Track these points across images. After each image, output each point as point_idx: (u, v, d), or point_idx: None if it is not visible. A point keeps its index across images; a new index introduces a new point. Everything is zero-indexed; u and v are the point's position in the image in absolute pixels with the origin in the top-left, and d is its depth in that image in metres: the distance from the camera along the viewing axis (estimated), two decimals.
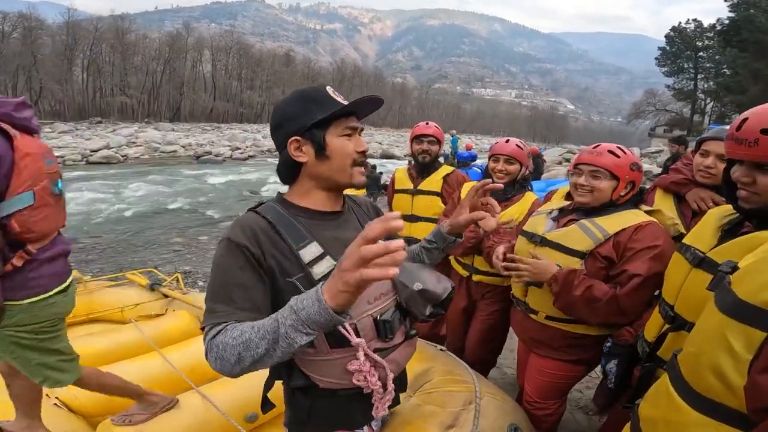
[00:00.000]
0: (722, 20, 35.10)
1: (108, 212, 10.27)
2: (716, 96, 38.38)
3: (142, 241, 7.53)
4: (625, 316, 1.44)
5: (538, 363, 1.74)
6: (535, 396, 1.76)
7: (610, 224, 1.50)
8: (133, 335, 2.48)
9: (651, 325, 1.30)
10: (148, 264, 5.74)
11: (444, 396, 1.47)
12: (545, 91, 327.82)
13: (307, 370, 0.96)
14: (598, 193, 1.52)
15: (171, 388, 1.88)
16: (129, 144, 24.13)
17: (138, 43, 47.55)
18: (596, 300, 1.43)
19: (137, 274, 3.65)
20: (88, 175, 15.44)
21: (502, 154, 2.09)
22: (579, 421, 2.32)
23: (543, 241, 1.61)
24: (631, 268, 1.41)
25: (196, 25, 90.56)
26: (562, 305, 1.52)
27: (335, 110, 0.91)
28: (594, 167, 1.51)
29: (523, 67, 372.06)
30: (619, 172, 1.49)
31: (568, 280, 1.47)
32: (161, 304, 3.10)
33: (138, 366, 2.06)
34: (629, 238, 1.45)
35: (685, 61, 41.72)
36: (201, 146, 25.45)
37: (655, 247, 1.41)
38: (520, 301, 1.75)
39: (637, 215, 1.51)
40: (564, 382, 1.73)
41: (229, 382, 1.88)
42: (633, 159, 1.52)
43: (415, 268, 1.01)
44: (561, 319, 1.61)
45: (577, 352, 1.64)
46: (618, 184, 1.50)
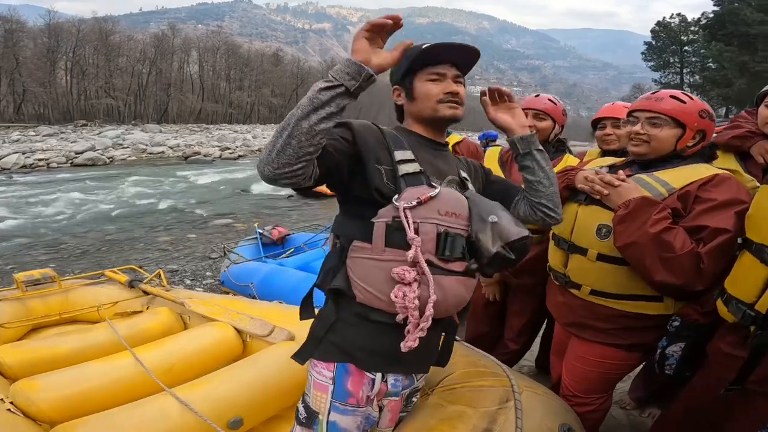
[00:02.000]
0: (707, 14, 35.43)
1: (92, 213, 9.93)
2: (702, 90, 38.71)
3: (127, 240, 7.23)
4: (702, 281, 1.16)
5: (581, 349, 1.45)
6: (576, 389, 1.49)
7: (674, 178, 1.26)
8: (106, 334, 2.27)
9: (746, 283, 1.07)
10: (133, 263, 5.45)
11: (472, 393, 1.21)
12: (534, 87, 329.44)
13: (352, 269, 0.96)
14: (656, 143, 1.29)
15: (144, 390, 1.70)
16: (115, 146, 23.67)
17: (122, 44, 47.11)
18: (671, 248, 1.14)
19: (117, 272, 3.39)
20: (73, 177, 15.04)
21: (531, 108, 1.87)
22: (617, 417, 2.02)
23: (588, 199, 1.36)
24: (714, 222, 1.15)
25: (183, 26, 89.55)
26: (623, 241, 1.21)
27: (412, 59, 1.03)
28: (652, 113, 1.29)
29: (512, 63, 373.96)
30: (685, 118, 1.26)
31: (643, 207, 1.19)
32: (141, 301, 2.86)
33: (108, 367, 1.85)
34: (701, 187, 1.21)
35: (671, 55, 42.00)
36: (189, 147, 25.02)
37: (740, 202, 1.17)
38: (559, 273, 1.47)
39: (709, 168, 1.27)
40: (613, 372, 1.45)
41: (209, 382, 1.68)
42: (702, 105, 1.29)
43: (493, 206, 1.00)
44: (612, 294, 1.32)
45: (632, 336, 1.35)
46: (684, 132, 1.27)
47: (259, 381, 1.68)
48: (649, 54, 42.59)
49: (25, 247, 7.21)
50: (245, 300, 2.74)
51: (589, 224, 1.35)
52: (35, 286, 3.00)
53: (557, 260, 1.49)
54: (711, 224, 1.15)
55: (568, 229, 1.42)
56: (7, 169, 18.74)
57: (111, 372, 1.79)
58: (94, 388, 1.74)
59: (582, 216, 1.39)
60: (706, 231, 1.16)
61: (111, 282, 3.24)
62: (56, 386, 1.70)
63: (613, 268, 1.31)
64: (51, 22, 41.89)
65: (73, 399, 1.68)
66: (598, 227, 1.32)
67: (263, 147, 0.78)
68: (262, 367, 1.74)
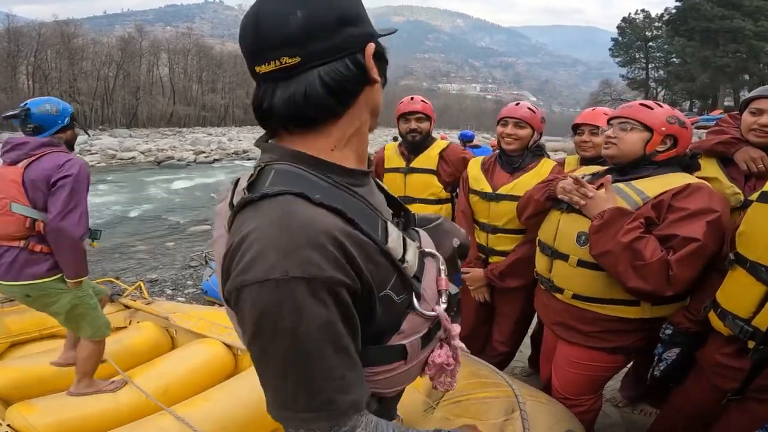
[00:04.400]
0: (670, 9, 36.73)
1: None
2: (667, 84, 40.24)
3: (101, 251, 6.98)
4: (672, 287, 1.22)
5: (567, 352, 1.51)
6: (566, 391, 1.54)
7: (650, 187, 1.31)
8: None
9: (741, 299, 1.10)
10: (109, 274, 5.26)
11: (478, 405, 1.22)
12: (508, 84, 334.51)
13: (377, 386, 0.64)
14: (624, 145, 1.35)
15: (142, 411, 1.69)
16: (82, 152, 22.82)
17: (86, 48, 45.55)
18: (641, 257, 1.21)
19: None
20: None
21: (511, 117, 1.90)
22: (610, 414, 2.06)
23: (569, 208, 1.42)
24: (684, 231, 1.20)
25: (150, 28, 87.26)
26: (598, 249, 1.29)
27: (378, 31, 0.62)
28: (623, 119, 1.37)
29: (486, 61, 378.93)
30: (651, 122, 1.32)
31: (616, 218, 1.25)
32: (123, 316, 2.77)
33: None
34: (675, 196, 1.26)
35: (637, 51, 43.47)
36: (162, 151, 24.38)
37: (711, 212, 1.21)
38: (544, 278, 1.54)
39: (685, 177, 1.32)
40: (599, 374, 1.51)
41: (207, 401, 1.66)
42: (671, 112, 1.35)
43: (437, 228, 0.80)
44: (591, 298, 1.39)
45: (614, 339, 1.41)
46: (652, 136, 1.32)
47: (254, 397, 1.65)
48: (616, 50, 43.95)
49: None
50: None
51: (570, 232, 1.42)
52: (11, 303, 2.90)
53: (542, 265, 1.56)
54: (681, 233, 1.21)
55: (551, 236, 1.50)
56: None
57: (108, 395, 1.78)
58: (92, 412, 1.74)
59: (563, 224, 1.46)
60: (676, 239, 1.22)
61: None
62: (55, 410, 1.72)
63: (592, 274, 1.38)
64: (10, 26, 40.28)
65: (72, 423, 1.68)
66: (578, 235, 1.39)
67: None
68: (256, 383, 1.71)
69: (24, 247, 1.73)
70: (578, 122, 1.97)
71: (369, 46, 0.58)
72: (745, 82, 32.88)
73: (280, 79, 0.56)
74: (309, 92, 0.55)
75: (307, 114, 0.56)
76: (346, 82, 0.56)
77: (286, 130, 0.59)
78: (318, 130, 0.58)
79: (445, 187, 2.22)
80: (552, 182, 1.54)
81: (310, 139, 0.58)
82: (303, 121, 0.57)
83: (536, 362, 2.40)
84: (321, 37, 0.55)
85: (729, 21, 30.23)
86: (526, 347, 2.49)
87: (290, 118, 0.57)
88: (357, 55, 0.57)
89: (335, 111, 0.58)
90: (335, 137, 0.59)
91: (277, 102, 0.56)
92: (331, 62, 0.55)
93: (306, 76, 0.55)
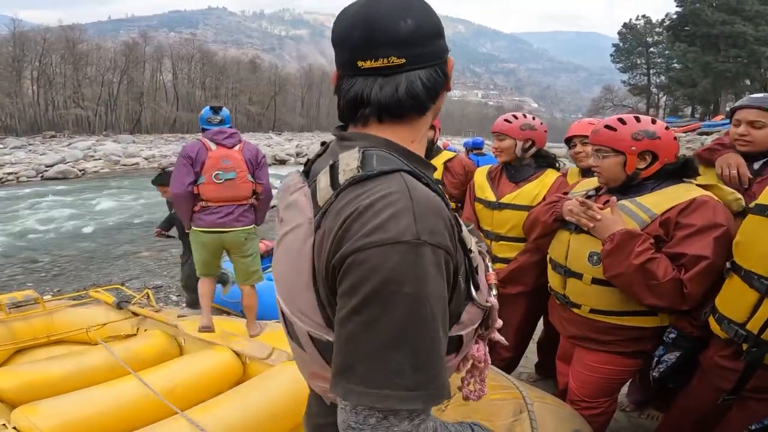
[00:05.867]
0: (670, 15, 36.84)
1: (67, 229, 9.60)
2: (669, 90, 40.31)
3: (106, 257, 7.03)
4: (687, 303, 1.27)
5: (586, 357, 1.53)
6: (583, 394, 1.56)
7: (656, 203, 1.34)
8: (102, 357, 2.24)
9: (736, 305, 1.16)
10: (115, 281, 5.31)
11: (487, 407, 1.25)
12: (510, 90, 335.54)
13: None
14: (606, 172, 1.39)
15: (149, 416, 1.69)
16: (86, 158, 22.97)
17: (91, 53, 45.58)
18: (655, 277, 1.24)
19: (102, 292, 3.31)
20: (43, 191, 14.52)
21: (494, 131, 1.98)
22: (618, 419, 2.07)
23: (578, 228, 1.44)
24: (693, 249, 1.24)
25: (154, 34, 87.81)
26: (611, 272, 1.32)
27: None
28: (596, 146, 1.40)
29: (488, 67, 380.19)
30: (618, 145, 1.34)
31: (626, 241, 1.27)
32: (131, 323, 2.80)
33: (110, 391, 1.85)
34: (681, 213, 1.28)
35: (638, 57, 43.55)
36: (166, 157, 24.48)
37: (717, 227, 1.24)
38: (558, 294, 1.56)
39: (689, 190, 1.33)
40: (617, 377, 1.54)
41: (218, 406, 1.68)
42: (635, 127, 1.34)
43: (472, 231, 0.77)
44: (610, 311, 1.41)
45: (633, 344, 1.45)
46: (626, 158, 1.35)
47: (265, 404, 1.69)
48: (617, 56, 44.08)
49: None
50: (239, 320, 2.72)
51: (581, 252, 1.44)
52: (18, 309, 2.94)
53: (556, 282, 1.58)
54: (690, 252, 1.24)
55: (562, 255, 1.52)
56: None
57: (113, 396, 1.80)
58: (97, 413, 1.75)
59: (574, 244, 1.48)
60: (686, 258, 1.25)
61: (97, 303, 3.17)
62: (60, 411, 1.72)
63: (608, 290, 1.40)
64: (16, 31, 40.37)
65: (77, 424, 1.69)
66: (590, 254, 1.41)
67: None
68: (266, 390, 1.75)
69: (250, 204, 2.62)
70: (568, 136, 2.02)
71: (450, 59, 0.67)
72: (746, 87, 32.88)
73: (382, 74, 0.61)
74: (411, 89, 0.61)
75: (405, 107, 0.62)
76: (437, 85, 0.64)
77: (378, 120, 0.64)
78: (406, 122, 0.64)
79: (450, 197, 2.26)
80: (557, 203, 1.56)
81: (399, 129, 0.64)
82: (399, 113, 0.63)
83: (543, 369, 2.43)
84: (423, 44, 0.62)
85: (730, 26, 30.31)
86: (532, 354, 2.51)
87: (388, 109, 0.62)
88: (443, 65, 0.65)
89: (425, 108, 0.65)
90: (417, 130, 0.66)
91: (379, 94, 0.61)
92: (427, 67, 0.63)
93: (407, 75, 0.61)
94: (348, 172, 0.57)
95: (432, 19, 0.63)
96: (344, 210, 0.54)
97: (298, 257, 0.59)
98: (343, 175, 0.58)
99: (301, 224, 0.60)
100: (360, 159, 0.58)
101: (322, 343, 0.60)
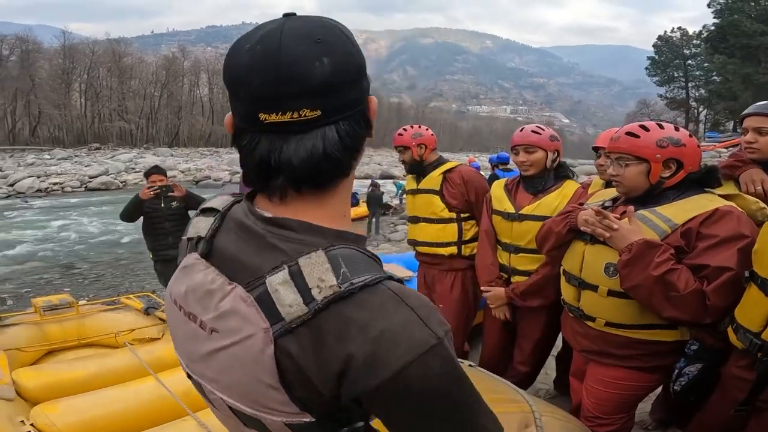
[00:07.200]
0: (708, 27, 35.67)
1: (105, 238, 10.12)
2: (709, 103, 38.78)
3: (139, 266, 7.35)
4: (709, 315, 1.21)
5: (601, 373, 1.47)
6: (597, 410, 1.50)
7: (676, 213, 1.29)
8: (124, 359, 2.34)
9: (752, 314, 1.13)
10: (146, 289, 5.55)
11: None
12: (539, 105, 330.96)
13: None
14: (627, 181, 1.33)
15: (164, 416, 1.75)
16: (128, 170, 24.16)
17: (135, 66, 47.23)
18: (675, 288, 1.19)
19: (132, 298, 3.48)
20: (86, 201, 15.35)
21: (520, 144, 1.93)
22: None
23: (594, 239, 1.39)
24: (716, 260, 1.19)
25: (192, 48, 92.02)
26: (628, 283, 1.26)
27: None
28: (616, 154, 1.34)
29: (517, 82, 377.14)
30: (642, 152, 1.28)
31: (645, 252, 1.22)
32: (158, 328, 2.93)
33: (128, 391, 1.92)
34: (703, 223, 1.23)
35: (675, 69, 42.24)
36: (200, 171, 25.47)
37: (742, 238, 1.20)
38: (573, 307, 1.52)
39: (711, 200, 1.28)
40: (633, 393, 1.48)
41: None
42: (660, 134, 1.28)
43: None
44: (627, 324, 1.36)
45: (650, 359, 1.39)
46: (650, 166, 1.29)
47: None
48: (652, 69, 42.87)
49: (39, 270, 7.37)
50: None
51: (597, 263, 1.39)
52: (53, 311, 3.07)
53: (570, 295, 1.53)
54: (713, 263, 1.19)
55: (577, 267, 1.48)
56: (23, 193, 19.19)
57: (131, 396, 1.85)
58: (114, 412, 1.80)
59: (589, 255, 1.43)
60: (709, 269, 1.20)
61: (127, 308, 3.32)
62: (78, 410, 1.76)
63: (625, 302, 1.35)
64: (66, 44, 41.81)
65: (94, 423, 1.74)
66: (606, 266, 1.37)
67: None
68: None
69: None
70: (595, 145, 2.01)
71: (372, 99, 0.54)
72: None
73: (292, 131, 0.49)
74: (328, 149, 0.49)
75: (327, 173, 0.51)
76: (359, 137, 0.52)
77: (297, 192, 0.51)
78: (330, 191, 0.53)
79: (450, 207, 2.27)
80: (572, 213, 1.51)
81: (324, 200, 0.53)
82: (320, 181, 0.51)
83: (562, 385, 2.38)
84: (343, 88, 0.50)
85: None
86: (551, 370, 2.47)
87: (306, 179, 0.50)
88: (365, 109, 0.53)
89: (347, 169, 0.53)
90: (344, 198, 0.55)
91: (289, 158, 0.49)
92: (349, 117, 0.51)
93: (324, 130, 0.49)
94: (326, 289, 0.47)
95: (354, 55, 0.51)
96: (347, 341, 0.46)
97: (255, 366, 0.49)
98: (320, 292, 0.47)
99: (253, 334, 0.48)
100: (333, 270, 0.47)
101: (302, 426, 0.52)
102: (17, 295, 6.08)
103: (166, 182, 3.58)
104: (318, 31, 0.49)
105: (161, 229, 3.54)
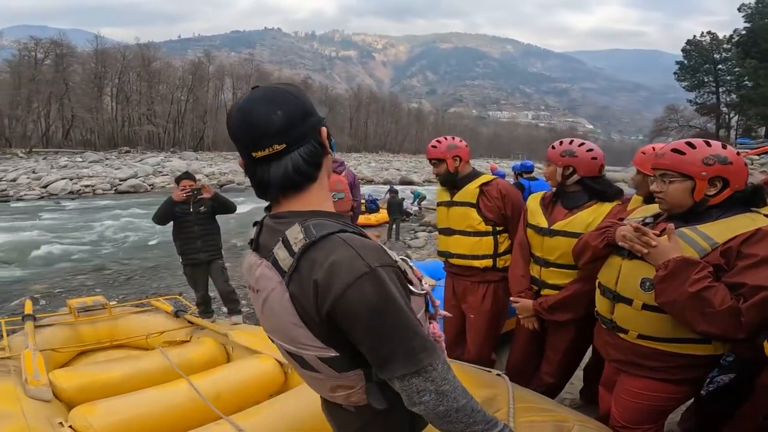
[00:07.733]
0: (739, 31, 34.54)
1: (135, 240, 10.42)
2: (740, 109, 37.47)
3: (167, 268, 7.55)
4: (743, 331, 1.21)
5: (631, 383, 1.49)
6: (625, 420, 1.51)
7: (718, 231, 1.28)
8: (156, 362, 2.42)
9: None
10: (174, 290, 5.71)
11: (525, 428, 1.25)
12: (562, 111, 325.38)
13: None
14: (670, 198, 1.33)
15: (196, 418, 1.80)
16: (155, 173, 24.82)
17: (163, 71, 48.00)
18: (711, 304, 1.20)
19: (162, 301, 3.60)
20: (116, 204, 15.86)
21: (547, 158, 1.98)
22: None
23: (631, 254, 1.40)
24: (754, 279, 1.19)
25: (217, 53, 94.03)
26: (663, 299, 1.28)
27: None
28: (660, 170, 1.35)
29: (539, 87, 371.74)
30: (687, 169, 1.28)
31: (682, 268, 1.23)
32: (186, 331, 3.02)
33: (162, 394, 1.98)
34: (744, 243, 1.24)
35: (705, 74, 40.92)
36: (224, 175, 25.97)
37: None
38: (606, 318, 1.53)
39: (755, 219, 1.27)
40: (663, 404, 1.48)
41: (261, 411, 1.76)
42: (707, 152, 1.27)
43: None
44: (659, 338, 1.37)
45: (682, 372, 1.40)
46: (695, 183, 1.29)
47: (303, 413, 1.74)
48: (681, 74, 41.66)
49: (71, 271, 7.64)
50: None
51: (633, 278, 1.41)
52: (86, 313, 3.20)
53: (604, 307, 1.54)
54: (751, 282, 1.19)
55: (612, 280, 1.49)
56: (55, 195, 19.98)
57: (165, 399, 1.91)
58: (149, 413, 1.86)
59: (625, 270, 1.45)
60: (746, 288, 1.20)
61: (157, 311, 3.44)
62: (114, 411, 1.82)
63: (658, 316, 1.36)
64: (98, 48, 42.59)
65: (131, 424, 1.80)
66: (642, 281, 1.38)
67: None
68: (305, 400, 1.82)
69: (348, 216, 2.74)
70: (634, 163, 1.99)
71: (322, 129, 0.82)
72: None
73: (272, 160, 0.77)
74: (296, 166, 0.78)
75: (297, 182, 0.79)
76: (316, 155, 0.80)
77: (283, 196, 0.80)
78: (306, 191, 0.81)
79: (486, 221, 2.28)
80: (609, 229, 1.52)
81: (302, 198, 0.81)
82: (295, 187, 0.79)
83: (588, 395, 2.37)
84: (296, 127, 0.77)
85: None
86: (578, 380, 2.46)
87: (286, 187, 0.79)
88: (317, 136, 0.80)
89: (314, 176, 0.81)
90: (320, 192, 0.83)
91: (273, 177, 0.78)
92: (305, 144, 0.78)
93: (291, 156, 0.77)
94: (298, 243, 0.74)
95: (297, 104, 0.77)
96: (313, 272, 0.71)
97: (282, 309, 0.76)
98: (296, 245, 0.74)
99: (275, 287, 0.76)
100: (303, 231, 0.74)
101: (331, 359, 0.77)
102: (50, 295, 6.31)
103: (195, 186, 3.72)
104: (270, 95, 0.76)
105: (190, 233, 3.65)
